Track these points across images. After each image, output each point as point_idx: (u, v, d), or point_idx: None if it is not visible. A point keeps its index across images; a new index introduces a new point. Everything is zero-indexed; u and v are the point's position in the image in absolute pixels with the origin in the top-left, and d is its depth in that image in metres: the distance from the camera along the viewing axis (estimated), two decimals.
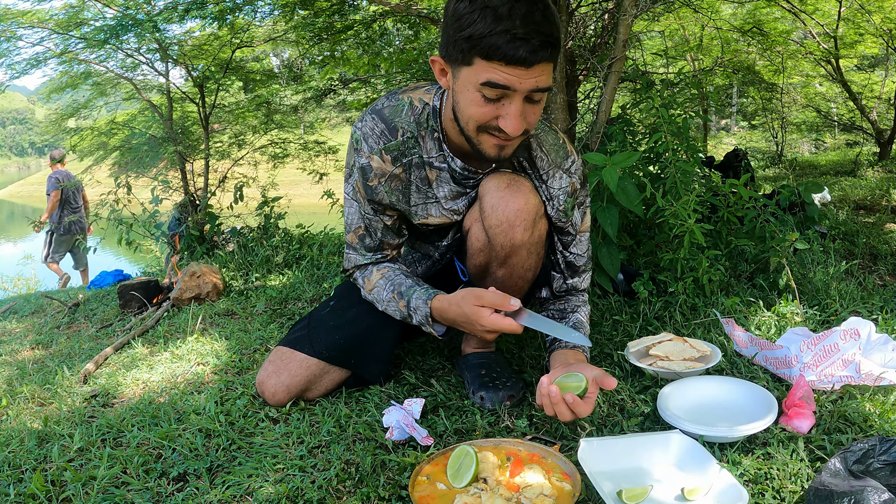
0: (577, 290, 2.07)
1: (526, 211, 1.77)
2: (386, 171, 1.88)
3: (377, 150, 1.86)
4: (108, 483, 1.63)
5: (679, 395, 1.81)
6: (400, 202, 1.93)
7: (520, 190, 1.78)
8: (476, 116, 1.61)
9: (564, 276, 2.03)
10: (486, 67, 1.53)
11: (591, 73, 4.01)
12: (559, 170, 1.89)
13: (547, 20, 1.51)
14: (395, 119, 1.84)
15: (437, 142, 1.84)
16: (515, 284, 1.92)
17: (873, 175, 7.90)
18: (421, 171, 1.88)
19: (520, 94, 1.57)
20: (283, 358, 2.00)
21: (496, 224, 1.78)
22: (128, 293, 3.79)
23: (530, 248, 1.85)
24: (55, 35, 5.81)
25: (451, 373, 2.21)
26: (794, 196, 3.69)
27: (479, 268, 1.93)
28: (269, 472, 1.63)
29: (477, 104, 1.60)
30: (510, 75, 1.53)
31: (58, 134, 8.25)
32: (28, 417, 2.16)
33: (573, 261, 2.01)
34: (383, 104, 1.87)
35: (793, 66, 9.97)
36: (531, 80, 1.55)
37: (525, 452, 1.54)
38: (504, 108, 1.59)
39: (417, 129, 1.84)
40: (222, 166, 7.14)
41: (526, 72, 1.53)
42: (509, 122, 1.59)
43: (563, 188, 1.89)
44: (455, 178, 1.88)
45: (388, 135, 1.85)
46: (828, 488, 1.31)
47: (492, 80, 1.54)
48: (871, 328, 2.02)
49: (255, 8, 5.74)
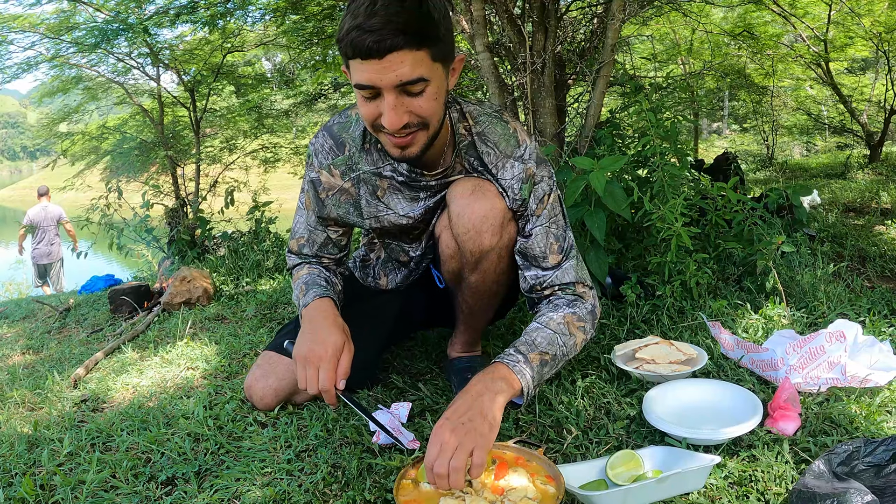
0: (556, 287, 1.85)
1: (493, 216, 1.77)
2: (335, 185, 1.91)
3: (325, 166, 1.90)
4: (97, 487, 1.64)
5: (665, 399, 1.82)
6: (350, 214, 1.95)
7: (485, 195, 1.77)
8: (364, 116, 1.61)
9: (527, 267, 1.86)
10: (353, 67, 1.52)
11: (579, 78, 4.02)
12: (509, 159, 1.82)
13: (404, 9, 1.46)
14: (343, 135, 1.87)
15: (381, 152, 1.85)
16: (490, 289, 1.92)
17: (863, 177, 7.93)
18: (368, 185, 1.89)
19: (386, 90, 1.52)
20: (271, 362, 2.01)
21: (464, 231, 1.78)
22: (118, 298, 3.79)
23: (500, 252, 1.84)
24: (46, 39, 5.81)
25: (439, 376, 2.21)
26: (783, 199, 3.70)
27: (452, 274, 1.94)
28: (256, 476, 1.64)
29: (361, 105, 1.59)
30: (368, 72, 1.49)
31: (49, 138, 8.25)
32: (18, 422, 2.16)
33: (527, 248, 1.84)
34: (334, 121, 1.90)
35: (783, 69, 10.02)
36: (391, 73, 1.49)
37: (510, 455, 1.55)
38: (381, 104, 1.55)
39: (362, 142, 1.86)
40: (213, 171, 7.14)
41: (379, 63, 1.47)
42: (386, 117, 1.55)
43: (515, 176, 1.81)
44: (405, 184, 1.88)
45: (335, 150, 1.88)
46: (811, 490, 1.31)
47: (358, 82, 1.53)
48: (857, 330, 2.03)
49: (246, 12, 5.75)
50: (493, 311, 2.06)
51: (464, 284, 1.92)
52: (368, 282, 2.25)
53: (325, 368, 1.70)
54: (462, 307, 2.01)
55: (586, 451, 1.69)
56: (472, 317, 2.03)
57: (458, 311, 2.04)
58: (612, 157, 2.65)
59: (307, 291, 1.92)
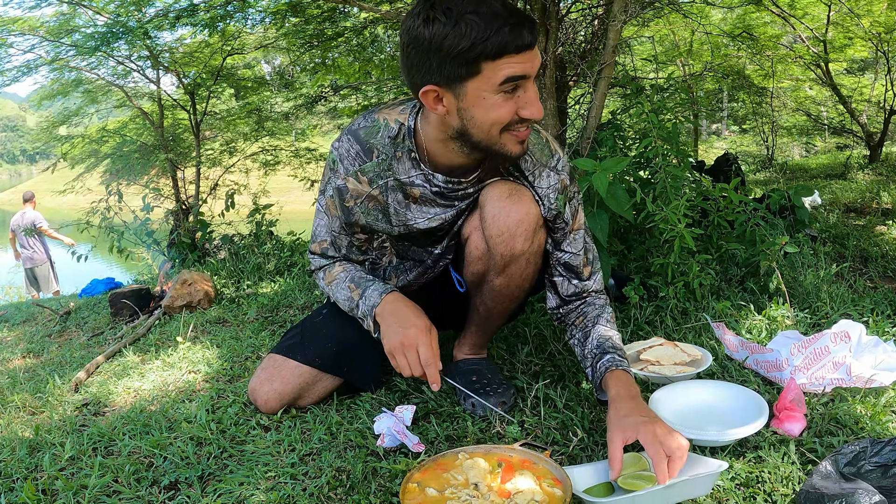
0: (590, 294, 1.99)
1: (527, 221, 1.78)
2: (362, 193, 1.88)
3: (353, 172, 1.86)
4: (99, 492, 1.63)
5: (670, 400, 1.82)
6: (378, 221, 1.93)
7: (521, 200, 1.78)
8: (501, 118, 1.61)
9: (567, 278, 1.96)
10: (499, 66, 1.54)
11: (581, 79, 4.02)
12: (545, 168, 1.86)
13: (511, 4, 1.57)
14: (371, 140, 1.84)
15: (414, 161, 1.82)
16: (512, 294, 1.92)
17: (863, 178, 7.92)
18: (397, 193, 1.87)
19: (531, 79, 1.60)
20: (276, 365, 2.00)
21: (497, 234, 1.78)
22: (119, 301, 3.78)
23: (529, 258, 1.84)
24: (46, 42, 5.80)
25: (443, 379, 2.20)
26: (784, 199, 3.70)
27: (476, 276, 1.93)
28: (260, 480, 1.63)
29: (498, 107, 1.59)
30: (523, 63, 1.55)
31: (49, 141, 8.23)
32: (19, 426, 2.16)
33: (569, 260, 1.94)
34: (359, 125, 1.87)
35: (783, 70, 10.01)
36: (536, 59, 1.58)
37: (516, 458, 1.54)
38: (521, 98, 1.60)
39: (393, 149, 1.83)
40: (213, 174, 7.13)
41: (531, 53, 1.56)
42: (533, 107, 1.60)
43: (551, 185, 1.86)
44: (440, 194, 1.86)
45: (363, 156, 1.85)
46: (819, 491, 1.31)
47: (511, 75, 1.55)
48: (861, 330, 2.03)
49: (246, 15, 5.72)
50: (508, 315, 2.06)
51: (486, 287, 1.92)
52: None
53: (425, 345, 1.77)
54: (479, 309, 2.00)
55: (592, 454, 1.68)
56: (487, 320, 2.02)
57: (474, 312, 2.03)
58: (615, 159, 2.64)
59: (363, 290, 1.92)
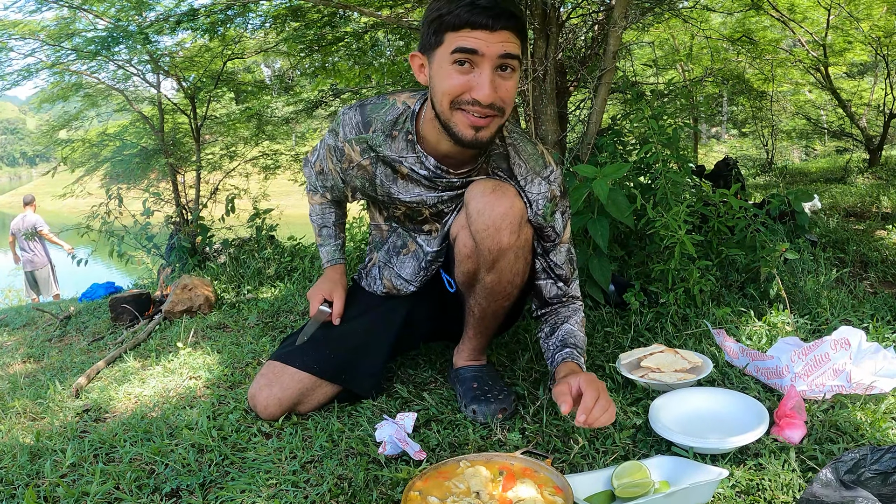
0: (569, 298, 2.05)
1: (512, 214, 1.81)
2: (354, 160, 1.98)
3: (349, 140, 1.96)
4: (100, 499, 1.63)
5: (671, 407, 1.82)
6: (367, 188, 2.03)
7: (505, 194, 1.81)
8: (450, 89, 1.68)
9: (554, 281, 2.02)
10: (456, 37, 1.64)
11: (581, 85, 4.02)
12: (538, 176, 1.92)
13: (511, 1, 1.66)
14: (373, 115, 1.93)
15: (409, 143, 1.90)
16: (504, 290, 1.93)
17: (863, 182, 7.93)
18: (386, 167, 1.96)
19: (488, 60, 1.64)
20: (275, 371, 2.00)
21: (483, 228, 1.81)
22: (119, 306, 3.78)
23: (517, 252, 1.87)
24: (47, 46, 5.79)
25: (444, 386, 2.21)
26: (784, 205, 3.71)
27: (467, 275, 1.95)
28: (261, 487, 1.63)
29: (450, 77, 1.68)
30: (478, 40, 1.62)
31: (49, 145, 8.23)
32: (20, 432, 2.15)
33: (554, 267, 2.02)
34: (371, 100, 1.97)
35: (782, 74, 10.02)
36: (497, 44, 1.63)
37: (517, 466, 1.54)
38: (475, 78, 1.66)
39: (391, 127, 1.91)
40: (214, 178, 7.12)
41: (490, 35, 1.62)
42: (483, 90, 1.66)
43: (541, 193, 1.92)
44: (428, 178, 1.92)
45: (360, 128, 1.94)
46: (819, 499, 1.31)
47: (460, 45, 1.63)
48: (861, 337, 2.03)
49: (246, 20, 5.72)
50: (503, 315, 2.06)
51: (478, 286, 1.94)
52: (375, 287, 2.24)
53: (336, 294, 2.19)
54: (474, 311, 2.01)
55: (593, 461, 1.69)
56: (482, 321, 2.03)
57: (469, 315, 2.04)
58: (615, 165, 2.64)
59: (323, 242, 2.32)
